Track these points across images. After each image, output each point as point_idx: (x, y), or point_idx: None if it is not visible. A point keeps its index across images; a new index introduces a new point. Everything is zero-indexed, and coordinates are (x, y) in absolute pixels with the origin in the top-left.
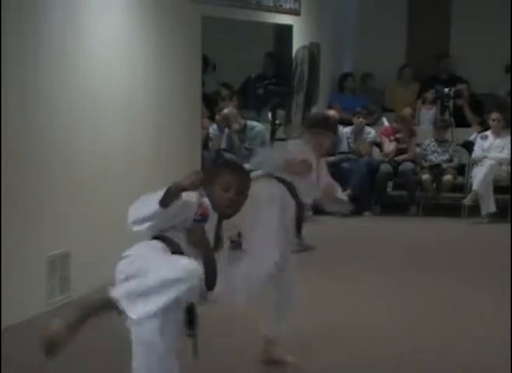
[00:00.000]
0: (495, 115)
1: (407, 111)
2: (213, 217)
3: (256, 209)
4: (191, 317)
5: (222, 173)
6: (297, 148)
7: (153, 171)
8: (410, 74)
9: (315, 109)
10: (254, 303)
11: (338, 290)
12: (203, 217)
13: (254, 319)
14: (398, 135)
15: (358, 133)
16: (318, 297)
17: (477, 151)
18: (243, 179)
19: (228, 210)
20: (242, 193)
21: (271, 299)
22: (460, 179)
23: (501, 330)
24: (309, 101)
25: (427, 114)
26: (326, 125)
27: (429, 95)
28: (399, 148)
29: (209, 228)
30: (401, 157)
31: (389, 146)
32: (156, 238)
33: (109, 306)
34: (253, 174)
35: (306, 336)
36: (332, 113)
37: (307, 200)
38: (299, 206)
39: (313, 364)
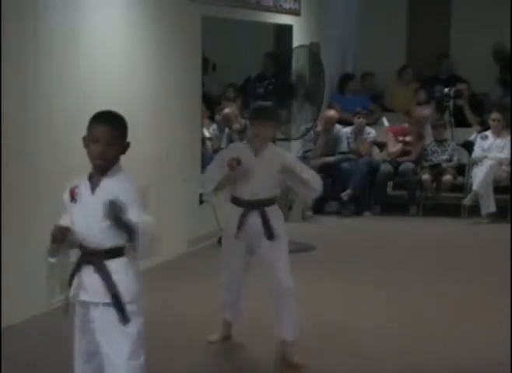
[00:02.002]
0: (495, 115)
1: (420, 113)
2: None
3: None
4: None
5: (92, 126)
6: (229, 151)
7: (153, 171)
8: (410, 75)
9: (314, 110)
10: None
11: (338, 290)
12: (76, 196)
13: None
14: (408, 138)
15: (358, 133)
16: (318, 297)
17: (477, 151)
18: (110, 130)
19: (98, 161)
20: (109, 144)
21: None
22: (460, 179)
23: (501, 330)
24: (311, 101)
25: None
26: (262, 114)
27: (422, 95)
28: (404, 149)
29: None
30: (404, 158)
31: (394, 146)
32: None
33: None
34: None
35: (305, 335)
36: (332, 113)
37: (266, 193)
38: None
39: (312, 363)
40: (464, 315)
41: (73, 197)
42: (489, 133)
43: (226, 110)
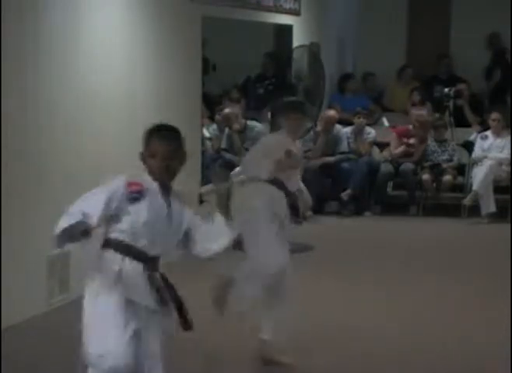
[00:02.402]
0: (495, 115)
1: (425, 117)
2: None
3: (252, 216)
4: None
5: (151, 141)
6: (275, 141)
7: None
8: (410, 75)
9: (314, 110)
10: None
11: (337, 290)
12: (139, 193)
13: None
14: (412, 140)
15: (358, 133)
16: (317, 297)
17: (477, 151)
18: (170, 145)
19: (161, 176)
20: (171, 159)
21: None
22: (460, 179)
23: (501, 330)
24: (311, 101)
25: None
26: (298, 108)
27: (415, 96)
28: (407, 151)
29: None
30: (404, 158)
31: (397, 147)
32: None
33: None
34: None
35: (305, 336)
36: (332, 113)
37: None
38: (291, 197)
39: (312, 364)
40: (464, 315)
41: (135, 193)
42: (489, 133)
43: (226, 110)
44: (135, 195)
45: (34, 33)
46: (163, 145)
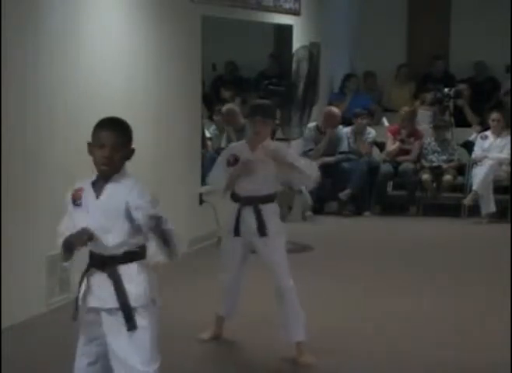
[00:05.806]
0: (495, 115)
1: (405, 110)
2: None
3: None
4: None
5: (95, 132)
6: (229, 150)
7: (153, 171)
8: (406, 74)
9: (315, 109)
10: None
11: (337, 290)
12: (80, 199)
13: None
14: (400, 136)
15: (358, 133)
16: (317, 297)
17: (477, 151)
18: (117, 136)
19: (102, 167)
20: (116, 150)
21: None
22: (460, 179)
23: (501, 330)
24: (308, 101)
25: (425, 114)
26: (259, 111)
27: (429, 96)
28: (403, 148)
29: None
30: (403, 158)
31: (391, 145)
32: None
33: None
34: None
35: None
36: (331, 109)
37: (269, 190)
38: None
39: (312, 364)
40: (464, 315)
41: (76, 200)
42: (489, 133)
43: (229, 105)
44: (79, 202)
45: (34, 33)
46: (106, 135)
